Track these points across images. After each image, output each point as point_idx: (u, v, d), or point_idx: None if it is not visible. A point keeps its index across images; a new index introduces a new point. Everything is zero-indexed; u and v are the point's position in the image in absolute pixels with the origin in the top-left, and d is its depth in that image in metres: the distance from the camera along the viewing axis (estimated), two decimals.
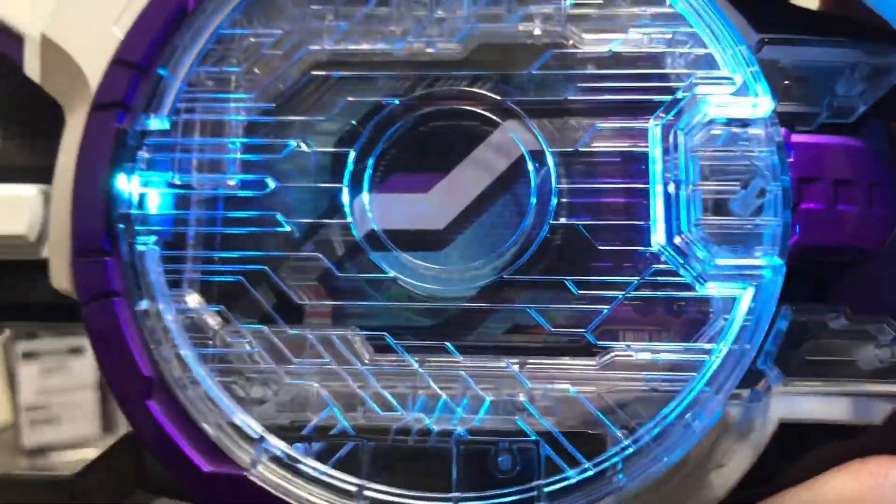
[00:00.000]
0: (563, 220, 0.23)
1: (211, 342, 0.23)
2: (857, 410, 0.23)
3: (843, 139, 0.24)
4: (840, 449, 0.23)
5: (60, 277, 0.24)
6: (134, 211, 0.23)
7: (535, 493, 0.21)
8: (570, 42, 0.24)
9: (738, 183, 0.23)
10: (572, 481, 0.21)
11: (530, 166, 0.24)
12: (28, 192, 0.26)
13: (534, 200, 0.24)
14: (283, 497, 0.22)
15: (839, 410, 0.23)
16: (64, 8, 0.25)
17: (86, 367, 0.76)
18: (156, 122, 0.24)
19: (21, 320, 0.28)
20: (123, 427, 0.81)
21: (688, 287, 0.22)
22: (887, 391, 0.23)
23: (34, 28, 0.26)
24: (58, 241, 0.24)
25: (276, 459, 0.22)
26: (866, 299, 0.24)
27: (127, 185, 0.23)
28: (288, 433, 0.22)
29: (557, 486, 0.21)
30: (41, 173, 0.27)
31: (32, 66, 0.26)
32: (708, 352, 0.22)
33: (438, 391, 0.22)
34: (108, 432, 0.76)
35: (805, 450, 0.23)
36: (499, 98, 0.24)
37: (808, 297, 0.24)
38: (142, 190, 0.24)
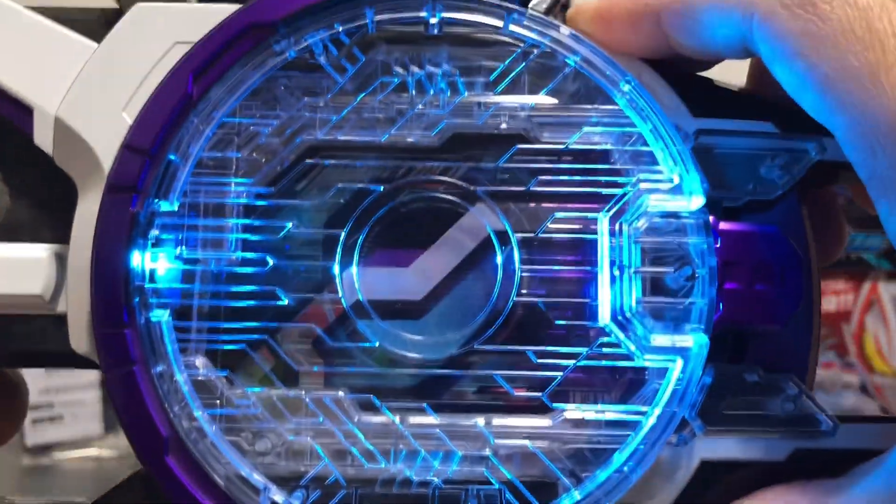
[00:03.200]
0: (524, 296, 0.27)
1: (218, 402, 0.26)
2: (765, 451, 0.27)
3: (761, 228, 0.28)
4: (750, 480, 0.27)
5: (80, 341, 0.27)
6: (147, 285, 0.26)
7: None
8: (532, 136, 0.28)
9: (672, 266, 0.27)
10: None
11: (496, 247, 0.27)
12: (41, 253, 0.28)
13: (499, 277, 0.27)
14: None
15: (751, 451, 0.27)
16: (77, 93, 0.27)
17: None
18: (165, 205, 0.27)
19: (37, 366, 0.31)
20: None
21: (628, 357, 0.26)
22: (790, 437, 0.27)
23: (44, 101, 0.28)
24: (75, 307, 0.27)
25: None
26: (778, 359, 0.28)
27: (140, 261, 0.26)
28: (287, 482, 0.26)
29: None
30: (50, 232, 0.29)
31: (42, 138, 0.28)
32: (643, 413, 0.26)
33: (417, 446, 0.26)
34: (111, 431, 0.77)
35: (721, 481, 0.27)
36: (470, 187, 0.28)
37: (731, 354, 0.28)
38: (153, 265, 0.26)
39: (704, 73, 0.30)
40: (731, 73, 0.33)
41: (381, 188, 0.27)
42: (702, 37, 0.26)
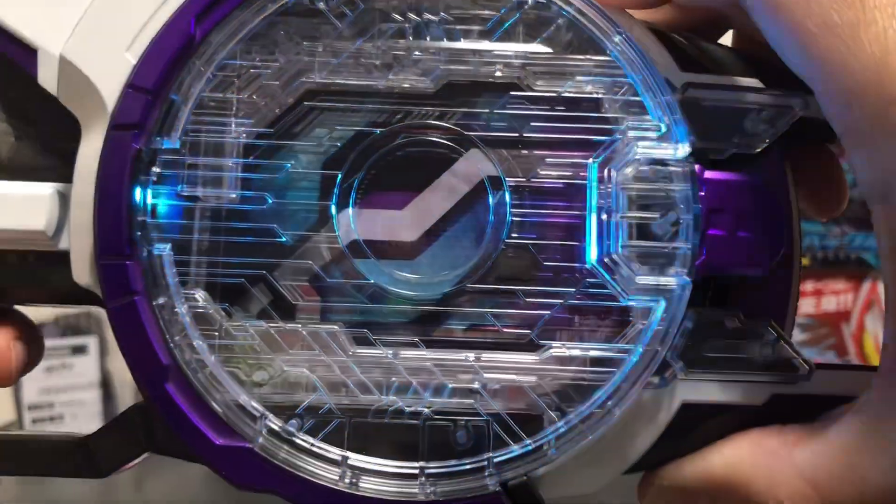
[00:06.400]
0: (514, 238, 0.28)
1: (217, 333, 0.27)
2: (744, 394, 0.28)
3: (746, 177, 0.28)
4: (728, 424, 0.28)
5: (82, 274, 0.28)
6: (149, 220, 0.27)
7: (485, 462, 0.26)
8: (526, 84, 0.28)
9: (658, 212, 0.28)
10: (515, 454, 0.26)
11: (489, 191, 0.28)
12: (45, 190, 0.29)
13: (491, 220, 0.28)
14: (282, 465, 0.26)
15: (730, 394, 0.28)
16: (82, 33, 0.28)
17: (89, 366, 0.76)
18: (167, 143, 0.27)
19: (40, 302, 0.31)
20: None
21: (613, 298, 0.27)
22: (768, 380, 0.28)
23: (47, 42, 0.29)
24: (78, 241, 0.28)
25: (274, 433, 0.26)
26: (758, 307, 0.29)
27: (142, 196, 0.27)
28: (284, 411, 0.27)
29: (503, 457, 0.26)
30: (53, 172, 0.30)
31: (47, 78, 0.29)
32: (627, 351, 0.27)
33: (409, 378, 0.27)
34: None
35: (701, 424, 0.28)
36: (464, 132, 0.28)
37: (713, 300, 0.29)
38: (155, 201, 0.27)
39: None
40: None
41: (378, 132, 0.28)
42: None
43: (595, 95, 0.28)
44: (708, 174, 0.28)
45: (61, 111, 0.29)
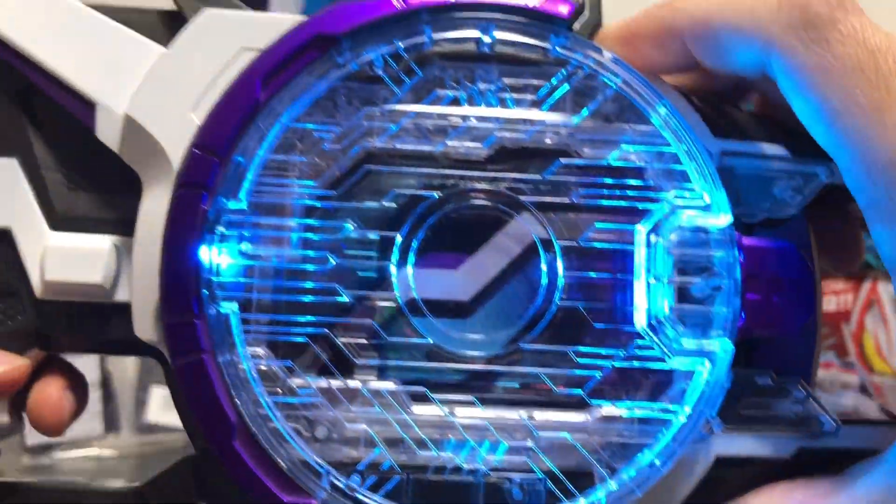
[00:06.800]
0: (565, 300, 0.29)
1: (280, 390, 0.28)
2: (773, 448, 0.30)
3: (780, 243, 0.30)
4: (757, 476, 0.30)
5: (145, 329, 0.28)
6: (214, 279, 0.28)
7: None
8: (574, 151, 0.30)
9: (697, 276, 0.29)
10: None
11: (541, 252, 0.30)
12: (103, 244, 0.30)
13: (543, 282, 0.29)
14: None
15: (761, 448, 0.29)
16: (147, 92, 0.29)
17: (89, 366, 0.74)
18: (233, 203, 0.28)
19: (97, 352, 0.32)
20: (125, 426, 0.82)
21: (659, 359, 0.29)
22: (797, 435, 0.30)
23: (108, 98, 0.29)
24: (140, 296, 0.28)
25: (337, 489, 0.27)
26: (784, 363, 0.31)
27: (208, 256, 0.28)
28: (346, 468, 0.28)
29: None
30: (107, 224, 0.30)
31: (106, 133, 0.29)
32: (673, 412, 0.28)
33: (466, 436, 0.28)
34: (111, 431, 0.77)
35: (732, 476, 0.30)
36: (515, 196, 0.30)
37: (742, 358, 0.31)
38: (219, 260, 0.28)
39: None
40: None
41: (436, 195, 0.29)
42: (723, 59, 0.29)
43: (640, 164, 0.29)
44: (746, 241, 0.30)
45: (116, 163, 0.29)
